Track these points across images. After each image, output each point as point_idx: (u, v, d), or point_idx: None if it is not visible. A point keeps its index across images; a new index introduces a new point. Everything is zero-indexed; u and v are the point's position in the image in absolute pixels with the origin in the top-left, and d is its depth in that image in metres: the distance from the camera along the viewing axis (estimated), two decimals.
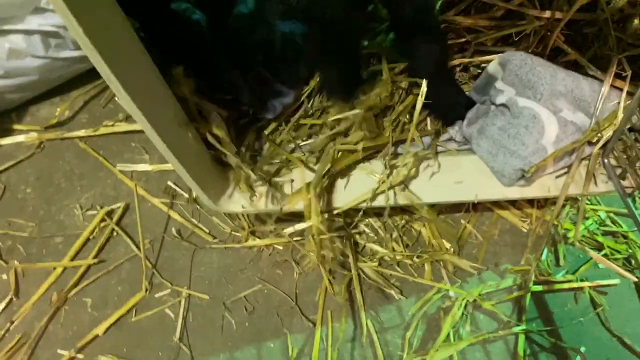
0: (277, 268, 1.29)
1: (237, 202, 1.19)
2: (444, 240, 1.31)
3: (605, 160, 1.17)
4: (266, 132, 1.20)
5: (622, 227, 1.31)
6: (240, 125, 1.19)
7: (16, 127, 1.49)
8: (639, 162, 1.13)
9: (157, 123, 0.83)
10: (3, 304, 1.25)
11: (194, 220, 1.35)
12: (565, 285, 1.24)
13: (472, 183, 1.14)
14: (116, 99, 1.51)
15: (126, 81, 0.71)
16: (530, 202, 1.34)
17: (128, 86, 0.72)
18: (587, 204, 1.35)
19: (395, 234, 1.31)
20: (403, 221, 1.32)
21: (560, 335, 1.20)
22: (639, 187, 1.15)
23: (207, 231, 1.33)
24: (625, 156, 1.17)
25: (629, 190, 1.17)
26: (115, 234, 1.33)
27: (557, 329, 1.20)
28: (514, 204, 1.35)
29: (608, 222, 1.32)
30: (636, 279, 1.24)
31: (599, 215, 1.33)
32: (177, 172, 0.97)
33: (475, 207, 1.34)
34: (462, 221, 1.34)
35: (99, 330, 1.21)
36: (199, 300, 1.25)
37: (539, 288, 1.23)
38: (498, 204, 1.34)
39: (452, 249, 1.29)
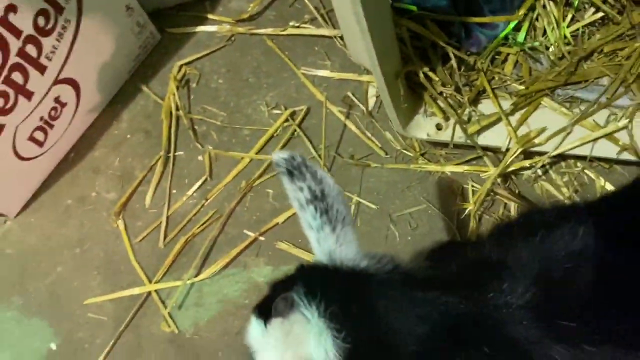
0: (445, 193, 1.36)
1: (423, 129, 1.25)
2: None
3: None
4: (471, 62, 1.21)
5: None
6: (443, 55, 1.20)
7: (210, 16, 1.59)
8: None
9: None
10: (199, 182, 1.44)
11: (367, 133, 1.42)
12: None
13: None
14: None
15: None
16: None
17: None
18: None
19: (566, 178, 1.32)
20: (579, 168, 1.31)
21: None
22: None
23: (379, 145, 1.40)
24: None
25: None
26: (296, 134, 1.44)
27: None
28: None
29: None
30: None
31: None
32: (379, 91, 1.02)
33: None
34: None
35: (280, 219, 1.37)
36: (367, 209, 1.37)
37: None
38: None
39: None
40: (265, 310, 0.67)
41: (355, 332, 0.62)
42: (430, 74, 1.17)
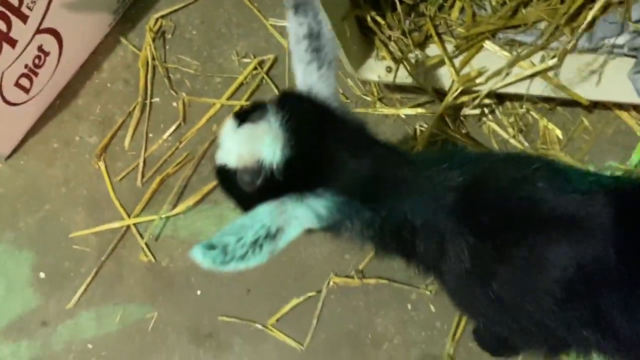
0: (398, 135, 1.46)
1: (374, 71, 1.35)
2: (556, 129, 1.40)
3: None
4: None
5: None
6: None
7: None
8: None
9: None
10: (174, 127, 1.55)
11: None
12: None
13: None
14: None
15: None
16: None
17: None
18: None
19: (512, 119, 1.42)
20: (523, 109, 1.41)
21: None
22: None
23: (341, 91, 1.51)
24: None
25: None
26: (264, 82, 1.55)
27: None
28: (636, 108, 1.39)
29: None
30: None
31: None
32: None
33: (596, 105, 1.40)
34: (582, 117, 1.41)
35: None
36: None
37: None
38: (619, 106, 1.38)
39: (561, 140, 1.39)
40: (242, 117, 0.78)
41: (303, 146, 0.75)
42: (378, 18, 1.26)
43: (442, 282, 0.91)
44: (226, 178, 0.80)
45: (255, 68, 1.55)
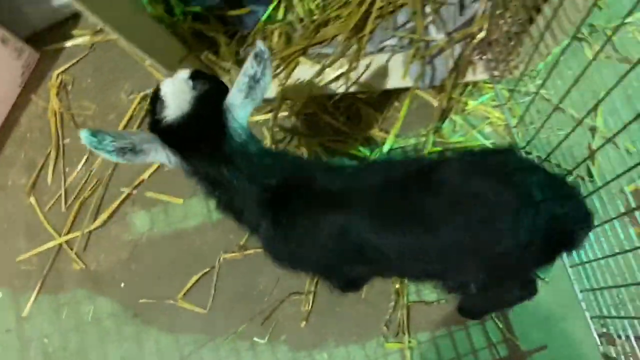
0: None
1: None
2: (377, 114, 1.82)
3: (482, 57, 1.60)
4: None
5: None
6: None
7: (74, 32, 2.06)
8: (508, 56, 1.54)
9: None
10: (83, 160, 1.94)
11: None
12: (457, 145, 1.75)
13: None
14: None
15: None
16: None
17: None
18: (486, 82, 1.78)
19: (341, 110, 1.83)
20: (349, 102, 1.82)
21: None
22: (504, 75, 1.59)
23: None
24: (498, 51, 1.58)
25: (498, 78, 1.61)
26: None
27: None
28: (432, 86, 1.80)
29: (502, 97, 1.75)
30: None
31: (494, 93, 1.77)
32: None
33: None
34: (394, 100, 1.82)
35: (145, 175, 1.88)
36: None
37: (438, 149, 1.75)
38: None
39: (378, 121, 1.80)
40: (192, 75, 1.09)
41: (190, 120, 1.05)
42: (210, 56, 1.66)
43: (261, 244, 1.29)
44: (154, 99, 1.09)
45: (140, 102, 1.94)
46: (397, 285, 1.64)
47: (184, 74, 1.10)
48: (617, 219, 1.23)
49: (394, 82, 1.66)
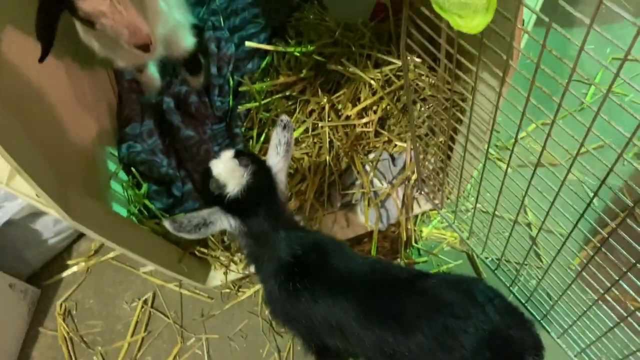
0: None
1: (217, 278, 1.99)
2: None
3: (421, 192, 1.95)
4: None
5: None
6: None
7: (69, 262, 2.29)
8: (441, 186, 1.90)
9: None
10: None
11: (197, 290, 2.14)
12: (425, 264, 2.03)
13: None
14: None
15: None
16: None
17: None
18: (432, 210, 2.12)
19: None
20: None
21: None
22: (443, 201, 1.93)
23: (207, 295, 2.12)
24: (432, 185, 1.95)
25: (439, 205, 1.95)
26: (152, 314, 2.13)
27: None
28: None
29: (448, 219, 2.09)
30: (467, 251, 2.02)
31: (440, 217, 2.10)
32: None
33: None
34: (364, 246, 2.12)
35: None
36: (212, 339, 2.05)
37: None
38: None
39: None
40: (237, 154, 1.34)
41: (247, 194, 1.29)
42: (201, 249, 1.93)
43: (264, 291, 1.47)
44: (206, 177, 1.33)
45: (142, 307, 2.14)
46: None
47: (228, 154, 1.34)
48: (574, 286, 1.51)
49: (358, 229, 1.96)
